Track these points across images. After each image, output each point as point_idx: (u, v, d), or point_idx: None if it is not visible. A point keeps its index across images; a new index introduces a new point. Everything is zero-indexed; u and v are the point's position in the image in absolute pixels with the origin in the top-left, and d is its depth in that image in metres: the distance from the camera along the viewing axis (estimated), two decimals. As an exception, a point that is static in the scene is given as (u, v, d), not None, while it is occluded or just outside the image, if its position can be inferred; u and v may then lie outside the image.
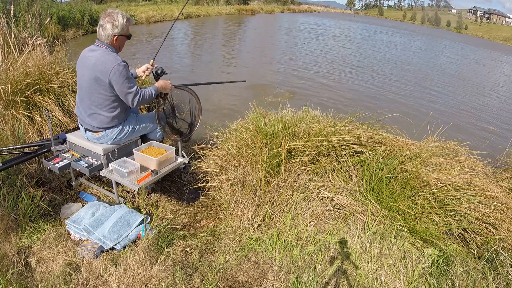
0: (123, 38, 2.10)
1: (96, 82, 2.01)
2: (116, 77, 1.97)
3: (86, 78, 2.05)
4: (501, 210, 2.09)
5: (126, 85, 2.02)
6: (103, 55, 1.99)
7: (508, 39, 55.62)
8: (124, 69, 1.99)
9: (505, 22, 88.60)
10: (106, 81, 1.99)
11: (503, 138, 5.20)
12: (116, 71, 1.96)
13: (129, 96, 2.06)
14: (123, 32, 2.06)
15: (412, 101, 6.95)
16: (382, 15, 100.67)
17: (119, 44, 2.09)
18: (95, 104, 2.09)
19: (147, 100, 2.17)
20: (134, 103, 2.10)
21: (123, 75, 1.99)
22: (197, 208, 2.43)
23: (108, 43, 2.05)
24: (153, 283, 1.65)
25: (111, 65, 1.95)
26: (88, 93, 2.08)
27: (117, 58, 1.99)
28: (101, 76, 1.98)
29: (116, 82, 1.99)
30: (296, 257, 1.92)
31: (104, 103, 2.09)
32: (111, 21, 1.99)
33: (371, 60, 11.75)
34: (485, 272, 1.81)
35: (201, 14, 21.73)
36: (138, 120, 2.36)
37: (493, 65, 17.95)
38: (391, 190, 2.16)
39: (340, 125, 2.64)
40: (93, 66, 1.99)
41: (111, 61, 1.96)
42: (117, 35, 2.03)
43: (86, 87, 2.07)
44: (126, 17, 2.05)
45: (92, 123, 2.16)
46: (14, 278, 1.62)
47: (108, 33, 2.00)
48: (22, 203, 2.02)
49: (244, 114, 2.97)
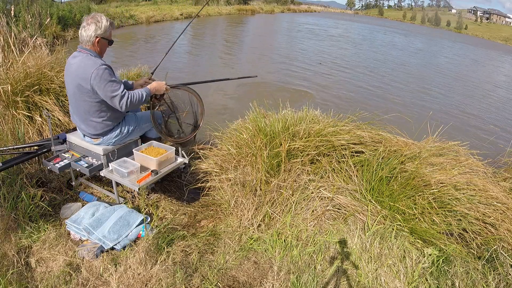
0: (104, 42, 2.03)
1: (80, 89, 1.96)
2: (97, 82, 1.91)
3: (71, 87, 2.01)
4: (501, 210, 2.09)
5: (109, 89, 1.94)
6: (83, 61, 1.93)
7: (508, 39, 55.63)
8: (104, 72, 1.92)
9: (505, 22, 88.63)
10: (89, 87, 1.93)
11: (503, 138, 5.20)
12: (96, 75, 1.89)
13: (115, 99, 1.97)
14: (105, 35, 2.00)
15: (412, 101, 6.95)
16: (382, 15, 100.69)
17: (100, 47, 2.02)
18: (84, 111, 2.06)
19: (138, 103, 2.09)
20: (122, 107, 2.00)
21: (104, 79, 1.91)
22: (197, 208, 2.43)
23: (89, 46, 1.98)
24: (153, 283, 1.65)
25: (91, 70, 1.89)
26: (75, 101, 2.05)
27: (97, 62, 1.93)
28: (83, 83, 1.93)
29: (98, 86, 1.92)
30: (296, 257, 1.92)
31: (92, 110, 2.04)
32: (94, 22, 1.94)
33: (371, 61, 11.75)
34: (485, 272, 1.81)
35: (201, 14, 21.74)
36: (137, 119, 2.33)
37: (493, 65, 17.95)
38: (391, 190, 2.16)
39: (340, 125, 2.64)
40: (75, 74, 1.94)
41: (90, 65, 1.90)
42: (99, 37, 1.97)
43: (72, 95, 2.04)
44: (109, 21, 2.01)
45: (88, 130, 2.15)
46: (14, 278, 1.62)
47: (90, 34, 1.94)
48: (22, 203, 2.02)
49: (244, 114, 2.97)
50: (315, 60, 10.22)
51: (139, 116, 2.37)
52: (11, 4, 5.93)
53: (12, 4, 5.95)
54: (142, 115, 2.41)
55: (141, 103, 2.12)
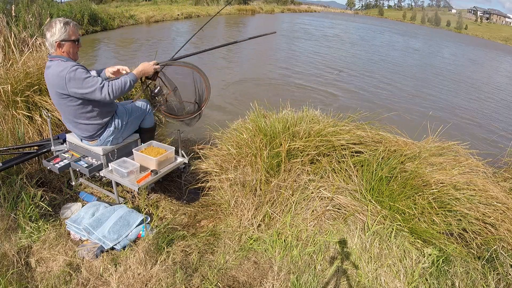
0: (68, 44, 1.97)
1: (60, 97, 1.96)
2: (73, 84, 1.89)
3: (53, 96, 2.02)
4: (501, 210, 2.09)
5: (86, 85, 1.91)
6: (55, 69, 1.91)
7: (508, 39, 55.60)
8: (77, 72, 1.89)
9: (505, 22, 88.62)
10: (67, 92, 1.92)
11: (504, 138, 5.20)
12: (69, 78, 1.87)
13: (96, 92, 1.93)
14: (64, 37, 1.95)
15: (412, 101, 6.95)
16: (382, 15, 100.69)
17: (66, 50, 1.97)
18: (72, 116, 2.06)
19: (122, 89, 2.02)
20: (106, 97, 1.95)
21: (78, 78, 1.89)
22: (197, 208, 2.43)
23: (56, 53, 1.96)
24: (153, 283, 1.65)
25: (63, 76, 1.88)
26: (62, 109, 2.06)
27: (67, 65, 1.89)
28: (61, 91, 1.93)
29: (75, 87, 1.90)
30: (296, 257, 1.92)
31: (78, 113, 2.03)
32: (49, 30, 1.93)
33: (371, 61, 11.75)
34: (485, 272, 1.81)
35: (201, 14, 21.73)
36: (127, 111, 2.29)
37: (493, 65, 17.95)
38: (391, 190, 2.16)
39: (340, 125, 2.64)
40: (52, 83, 1.94)
41: (61, 72, 1.88)
42: (58, 41, 1.94)
43: (57, 104, 2.05)
44: (64, 22, 1.95)
45: (82, 133, 2.15)
46: (14, 278, 1.62)
47: (49, 42, 1.94)
48: (22, 203, 2.02)
49: (244, 114, 2.97)
50: (315, 60, 10.22)
51: (128, 107, 2.32)
52: (11, 4, 5.92)
53: (13, 4, 5.95)
54: (131, 105, 2.36)
55: (126, 89, 2.06)
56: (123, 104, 2.40)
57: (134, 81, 2.14)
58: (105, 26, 12.29)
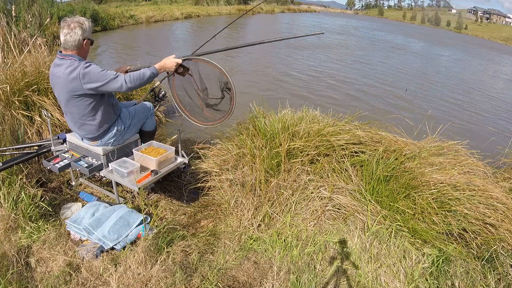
0: (89, 42, 2.00)
1: (72, 97, 1.95)
2: (87, 79, 1.87)
3: (62, 97, 2.00)
4: (501, 210, 2.09)
5: (102, 78, 1.89)
6: (67, 68, 1.89)
7: (508, 39, 55.58)
8: (90, 68, 1.88)
9: (505, 22, 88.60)
10: (82, 91, 1.91)
11: (504, 138, 5.20)
12: (83, 74, 1.86)
13: (113, 83, 1.91)
14: (91, 36, 1.99)
15: (412, 101, 6.95)
16: (382, 15, 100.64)
17: (86, 49, 1.99)
18: (79, 116, 2.06)
19: (143, 79, 2.01)
20: (123, 85, 1.93)
21: (92, 72, 1.87)
22: (197, 208, 2.43)
23: (75, 51, 1.93)
24: (153, 283, 1.65)
25: (77, 74, 1.86)
26: (69, 108, 2.05)
27: (79, 66, 1.88)
28: (77, 92, 1.92)
29: (91, 82, 1.88)
30: (296, 257, 1.92)
31: (84, 112, 2.03)
32: (79, 25, 1.90)
33: (371, 61, 11.75)
34: (485, 272, 1.81)
35: (201, 14, 21.71)
36: (131, 114, 2.30)
37: (493, 66, 17.95)
38: (391, 190, 2.16)
39: (340, 125, 2.64)
40: (65, 82, 1.91)
41: (75, 73, 1.87)
42: (86, 39, 1.95)
43: (65, 104, 2.03)
44: (89, 20, 1.98)
45: (84, 133, 2.15)
46: (14, 278, 1.62)
47: (77, 38, 1.90)
48: (22, 203, 2.02)
49: (244, 114, 2.97)
50: (316, 61, 10.22)
51: (132, 110, 2.34)
52: (11, 4, 5.92)
53: (13, 4, 5.94)
54: (135, 108, 2.38)
55: (145, 80, 2.04)
56: (126, 106, 2.42)
57: (155, 73, 2.11)
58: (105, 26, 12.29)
